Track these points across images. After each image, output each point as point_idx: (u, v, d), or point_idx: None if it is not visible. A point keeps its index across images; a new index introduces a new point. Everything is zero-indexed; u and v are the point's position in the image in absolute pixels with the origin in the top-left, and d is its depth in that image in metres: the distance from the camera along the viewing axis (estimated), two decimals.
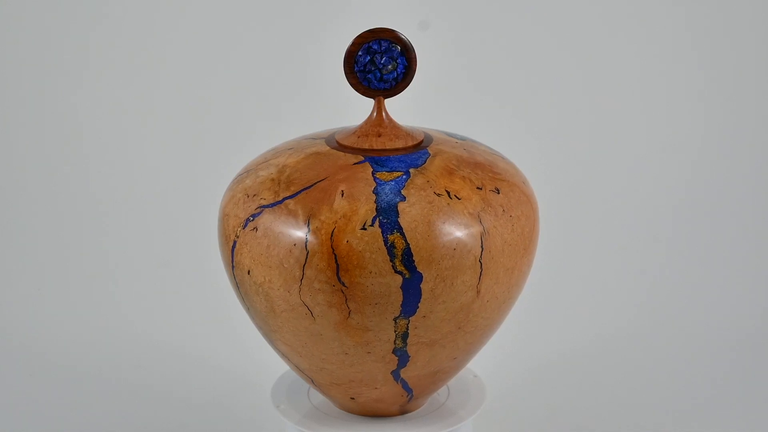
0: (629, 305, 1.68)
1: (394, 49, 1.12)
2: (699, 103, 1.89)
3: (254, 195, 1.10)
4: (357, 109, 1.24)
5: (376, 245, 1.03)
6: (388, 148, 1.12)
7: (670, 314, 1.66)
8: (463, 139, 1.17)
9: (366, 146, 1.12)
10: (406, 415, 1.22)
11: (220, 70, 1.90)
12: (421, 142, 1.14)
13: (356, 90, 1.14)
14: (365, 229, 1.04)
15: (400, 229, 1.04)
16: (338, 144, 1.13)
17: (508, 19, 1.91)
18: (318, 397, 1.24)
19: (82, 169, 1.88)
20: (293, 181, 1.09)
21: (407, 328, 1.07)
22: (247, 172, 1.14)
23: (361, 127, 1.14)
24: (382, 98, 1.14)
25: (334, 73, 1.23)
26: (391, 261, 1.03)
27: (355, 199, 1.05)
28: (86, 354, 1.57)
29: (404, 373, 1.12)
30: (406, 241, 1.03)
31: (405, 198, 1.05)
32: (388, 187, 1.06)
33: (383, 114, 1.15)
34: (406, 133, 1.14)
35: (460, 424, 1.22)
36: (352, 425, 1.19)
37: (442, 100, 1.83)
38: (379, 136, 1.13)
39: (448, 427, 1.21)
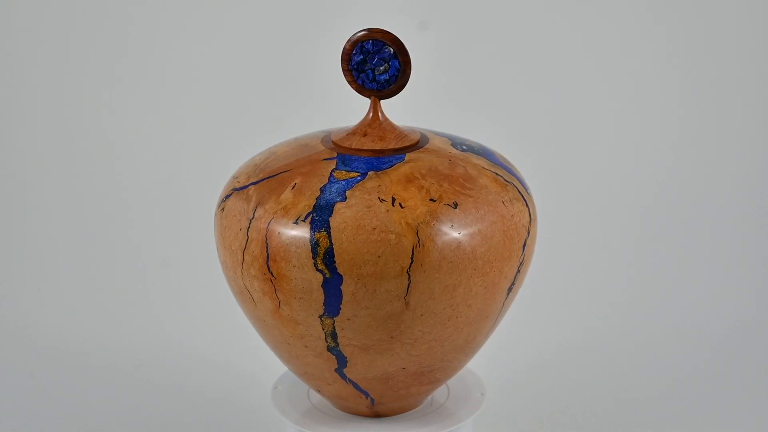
0: (627, 304, 1.68)
1: (386, 50, 1.11)
2: (691, 109, 1.91)
3: (236, 177, 1.14)
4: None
5: (302, 241, 1.04)
6: (365, 148, 1.11)
7: (665, 311, 1.66)
8: (467, 149, 1.14)
9: (347, 144, 1.12)
10: (405, 414, 1.22)
11: (231, 69, 1.90)
12: (409, 146, 1.12)
13: (352, 87, 1.14)
14: (297, 223, 1.05)
15: (327, 229, 1.04)
16: (329, 139, 1.15)
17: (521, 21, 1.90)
18: (317, 397, 1.25)
19: (86, 168, 1.89)
20: (265, 169, 1.12)
21: (334, 328, 1.07)
22: (254, 155, 1.19)
23: (356, 125, 1.15)
24: (376, 98, 1.14)
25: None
26: (313, 258, 1.04)
27: (301, 194, 1.07)
28: (86, 353, 1.59)
29: (349, 374, 1.12)
30: (330, 240, 1.04)
31: (345, 199, 1.05)
32: (336, 187, 1.06)
33: (378, 114, 1.14)
34: (397, 136, 1.13)
35: (460, 424, 1.20)
36: (350, 425, 1.20)
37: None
38: (365, 135, 1.13)
39: (447, 427, 1.20)
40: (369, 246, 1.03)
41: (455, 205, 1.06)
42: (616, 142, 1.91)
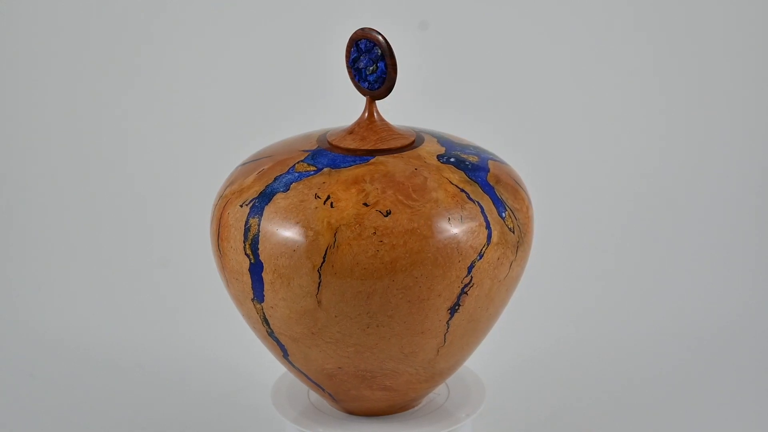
0: (627, 303, 1.67)
1: (375, 51, 1.11)
2: (682, 110, 1.91)
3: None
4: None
5: (239, 224, 1.09)
6: (341, 146, 1.12)
7: (664, 310, 1.65)
8: (454, 162, 1.10)
9: (331, 140, 1.14)
10: (403, 414, 1.21)
11: (237, 68, 1.85)
12: (387, 149, 1.11)
13: (353, 85, 1.15)
14: (242, 206, 1.09)
15: (260, 216, 1.07)
16: (325, 134, 1.17)
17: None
18: (316, 396, 1.25)
19: (86, 166, 1.86)
20: (261, 152, 1.17)
21: (264, 315, 1.10)
22: None
23: (351, 124, 1.16)
24: (369, 98, 1.14)
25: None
26: (243, 242, 1.08)
27: (259, 180, 1.11)
28: (86, 353, 1.58)
29: (295, 364, 1.14)
30: (259, 228, 1.07)
31: (288, 190, 1.08)
32: (287, 178, 1.09)
33: (373, 114, 1.14)
34: (381, 138, 1.12)
35: (459, 424, 1.20)
36: (349, 424, 1.20)
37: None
38: (350, 133, 1.14)
39: (447, 427, 1.19)
40: (287, 239, 1.05)
41: (387, 213, 1.04)
42: (611, 142, 1.90)
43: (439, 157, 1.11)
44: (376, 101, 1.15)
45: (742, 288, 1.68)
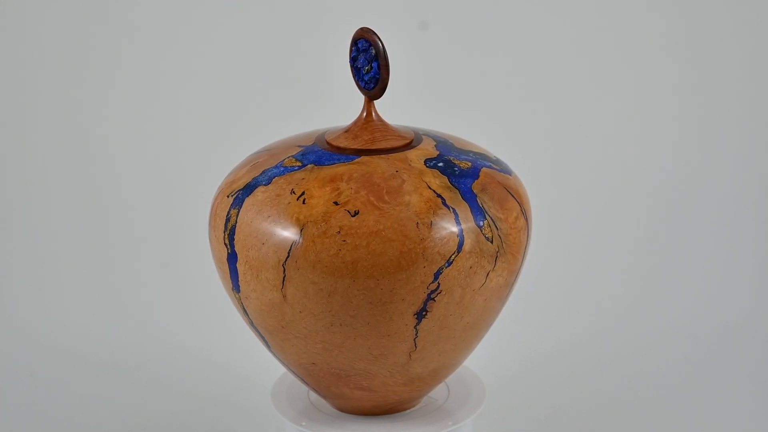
0: (627, 303, 1.67)
1: (371, 51, 1.11)
2: (688, 110, 1.90)
3: None
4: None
5: (223, 214, 1.11)
6: (333, 143, 1.13)
7: (664, 310, 1.66)
8: (442, 166, 1.09)
9: (327, 138, 1.15)
10: (403, 414, 1.21)
11: (239, 68, 1.85)
12: (377, 149, 1.11)
13: (355, 84, 1.16)
14: (228, 197, 1.12)
15: (240, 207, 1.10)
16: (323, 132, 1.18)
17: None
18: (316, 396, 1.25)
19: (86, 167, 1.85)
20: (265, 147, 1.19)
21: (242, 305, 1.12)
22: None
23: (350, 123, 1.17)
24: (367, 98, 1.14)
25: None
26: (223, 232, 1.11)
27: (250, 172, 1.13)
28: (86, 353, 1.58)
29: (277, 355, 1.16)
30: (237, 219, 1.09)
31: (269, 184, 1.10)
32: (273, 172, 1.11)
33: (372, 114, 1.15)
34: (374, 138, 1.12)
35: (460, 424, 1.19)
36: (348, 424, 1.21)
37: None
38: (346, 132, 1.15)
39: (447, 427, 1.19)
40: (258, 232, 1.07)
41: (355, 213, 1.04)
42: (613, 142, 1.89)
43: (427, 160, 1.10)
44: (375, 101, 1.14)
45: (742, 295, 1.69)
